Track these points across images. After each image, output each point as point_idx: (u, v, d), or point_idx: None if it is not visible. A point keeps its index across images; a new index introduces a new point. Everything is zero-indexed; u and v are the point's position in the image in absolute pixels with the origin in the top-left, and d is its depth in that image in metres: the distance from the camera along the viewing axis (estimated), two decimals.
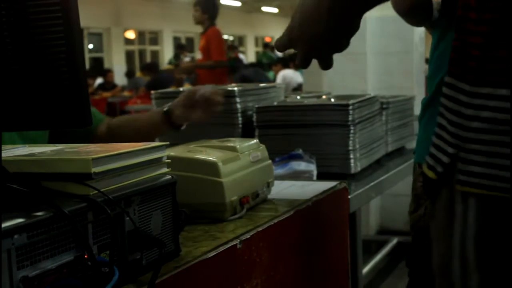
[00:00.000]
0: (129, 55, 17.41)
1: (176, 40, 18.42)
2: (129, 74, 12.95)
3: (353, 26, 1.01)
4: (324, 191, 1.65)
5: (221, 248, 1.20)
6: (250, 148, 1.54)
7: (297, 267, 1.52)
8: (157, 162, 1.11)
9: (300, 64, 1.11)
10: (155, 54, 18.36)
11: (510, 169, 0.81)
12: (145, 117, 2.02)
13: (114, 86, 11.90)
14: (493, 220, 0.83)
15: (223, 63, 6.35)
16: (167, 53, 16.36)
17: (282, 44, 1.13)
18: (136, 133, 1.92)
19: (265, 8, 22.05)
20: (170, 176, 1.12)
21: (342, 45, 1.05)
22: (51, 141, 1.83)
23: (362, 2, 0.98)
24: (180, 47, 14.35)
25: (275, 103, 2.35)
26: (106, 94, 10.96)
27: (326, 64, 1.12)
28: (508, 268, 0.81)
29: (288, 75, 9.01)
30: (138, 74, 12.33)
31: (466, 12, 0.89)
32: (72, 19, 0.88)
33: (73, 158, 0.97)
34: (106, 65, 15.06)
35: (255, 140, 1.60)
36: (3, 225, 0.80)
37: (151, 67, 11.16)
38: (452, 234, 0.88)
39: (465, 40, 0.89)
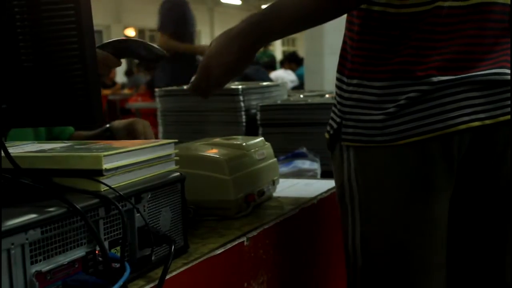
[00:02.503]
0: None
1: None
2: (128, 73, 12.89)
3: (252, 58, 1.34)
4: (329, 190, 1.66)
5: (229, 245, 1.21)
6: (256, 146, 1.54)
7: (302, 264, 1.53)
8: (166, 159, 1.12)
9: (214, 87, 1.37)
10: None
11: (367, 130, 1.26)
12: None
13: (114, 83, 11.87)
14: (362, 159, 1.28)
15: None
16: None
17: (193, 86, 1.37)
18: None
19: (265, 7, 21.95)
20: (179, 173, 1.13)
21: (242, 70, 1.36)
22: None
23: (263, 42, 1.34)
24: None
25: (279, 102, 2.36)
26: (106, 92, 10.91)
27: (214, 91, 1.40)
28: (373, 186, 1.27)
29: (280, 75, 8.94)
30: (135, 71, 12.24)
31: (349, 25, 1.32)
32: (85, 17, 0.89)
33: (85, 154, 0.98)
34: None
35: (260, 138, 1.61)
36: (18, 220, 0.81)
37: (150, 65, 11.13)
38: (343, 171, 1.31)
39: (344, 48, 1.33)
